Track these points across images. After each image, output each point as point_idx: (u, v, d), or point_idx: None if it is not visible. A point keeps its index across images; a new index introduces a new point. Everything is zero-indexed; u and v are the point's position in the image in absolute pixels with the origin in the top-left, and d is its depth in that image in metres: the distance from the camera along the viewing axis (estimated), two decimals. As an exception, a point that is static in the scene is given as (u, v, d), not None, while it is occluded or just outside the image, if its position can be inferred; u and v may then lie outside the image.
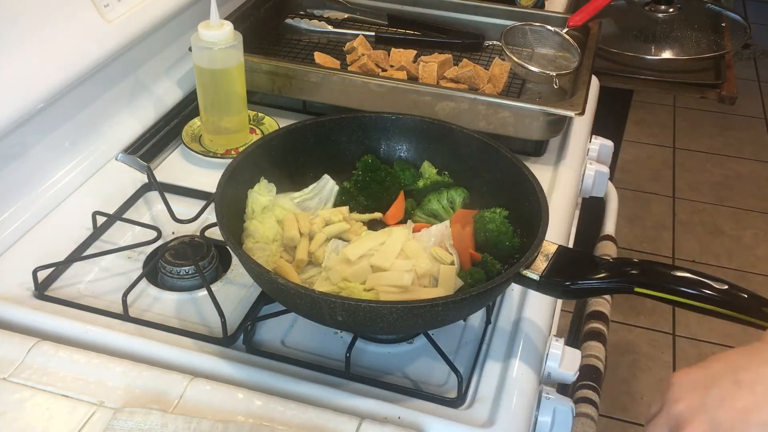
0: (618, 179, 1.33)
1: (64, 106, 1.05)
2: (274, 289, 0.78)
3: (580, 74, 1.23)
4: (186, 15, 1.26)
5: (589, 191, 1.29)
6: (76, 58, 1.03)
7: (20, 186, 1.00)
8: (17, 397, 0.74)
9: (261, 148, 0.94)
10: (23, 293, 0.89)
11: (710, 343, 2.35)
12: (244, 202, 0.92)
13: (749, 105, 3.58)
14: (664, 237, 2.81)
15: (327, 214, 0.93)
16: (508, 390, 0.80)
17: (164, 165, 1.15)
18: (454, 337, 0.88)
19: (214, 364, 0.81)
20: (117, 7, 1.11)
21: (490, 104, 1.14)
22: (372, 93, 1.18)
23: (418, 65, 1.28)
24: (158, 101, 1.24)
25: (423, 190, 0.97)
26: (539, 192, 0.86)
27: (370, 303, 0.75)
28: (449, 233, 0.89)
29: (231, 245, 0.79)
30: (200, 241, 0.95)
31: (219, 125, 1.14)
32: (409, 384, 0.82)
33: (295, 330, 0.88)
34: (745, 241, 2.79)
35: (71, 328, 0.84)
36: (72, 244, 0.97)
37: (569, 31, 1.37)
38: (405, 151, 1.01)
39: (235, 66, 1.10)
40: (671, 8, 1.93)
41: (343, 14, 1.50)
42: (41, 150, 1.03)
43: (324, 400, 0.77)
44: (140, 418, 0.70)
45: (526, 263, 0.79)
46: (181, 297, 0.91)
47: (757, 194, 3.04)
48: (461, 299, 0.75)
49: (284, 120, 1.21)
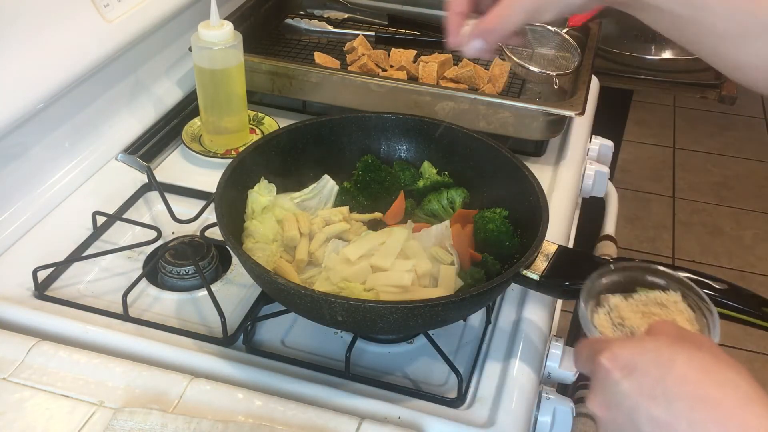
0: (618, 179, 1.33)
1: (64, 106, 1.05)
2: (274, 289, 0.78)
3: (580, 74, 1.23)
4: (186, 15, 1.26)
5: (589, 191, 1.29)
6: (76, 58, 1.03)
7: (20, 186, 1.00)
8: (17, 397, 0.74)
9: (261, 148, 0.94)
10: (23, 293, 0.89)
11: (710, 343, 2.35)
12: (244, 202, 0.92)
13: (749, 105, 3.58)
14: (664, 237, 2.81)
15: (327, 214, 0.93)
16: (508, 390, 0.80)
17: (164, 165, 1.15)
18: (454, 337, 0.88)
19: (214, 364, 0.81)
20: (117, 7, 1.11)
21: (490, 104, 1.14)
22: (372, 93, 1.18)
23: (418, 65, 1.28)
24: (158, 101, 1.24)
25: (423, 190, 0.97)
26: (539, 192, 0.86)
27: (370, 303, 0.75)
28: (449, 233, 0.89)
29: (231, 245, 0.79)
30: (200, 241, 0.95)
31: (219, 125, 1.14)
32: (409, 384, 0.82)
33: (295, 330, 0.88)
34: (745, 241, 2.79)
35: (71, 328, 0.84)
36: (72, 244, 0.97)
37: (569, 31, 1.37)
38: (405, 151, 1.01)
39: (235, 66, 1.10)
40: (671, 8, 1.92)
41: (343, 14, 1.50)
42: (41, 150, 1.03)
43: (324, 400, 0.77)
44: (140, 418, 0.70)
45: (526, 263, 0.79)
46: (181, 297, 0.91)
47: (757, 194, 3.04)
48: (461, 299, 0.75)
49: (284, 120, 1.21)
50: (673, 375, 0.51)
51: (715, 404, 0.50)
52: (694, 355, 0.53)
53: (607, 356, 0.55)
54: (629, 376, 0.53)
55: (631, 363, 0.53)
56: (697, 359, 0.52)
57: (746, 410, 0.49)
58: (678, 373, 0.51)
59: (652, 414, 0.51)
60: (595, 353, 0.56)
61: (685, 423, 0.50)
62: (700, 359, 0.52)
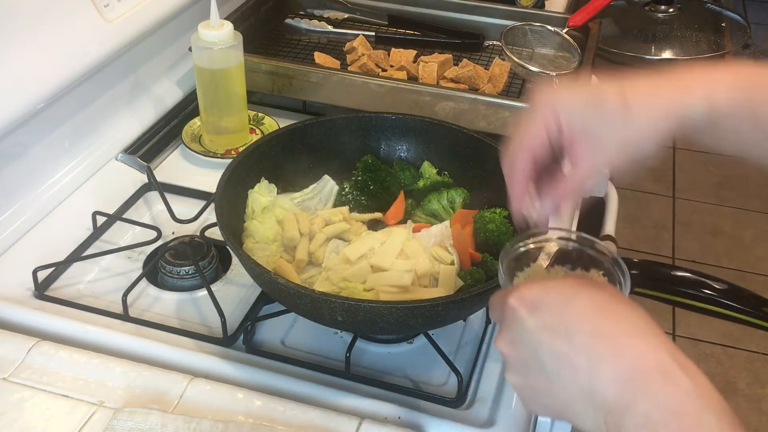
0: (618, 179, 1.33)
1: (64, 106, 1.05)
2: (274, 289, 0.78)
3: (580, 74, 1.23)
4: (186, 15, 1.26)
5: (589, 191, 1.29)
6: (76, 58, 1.03)
7: (20, 186, 1.00)
8: (17, 397, 0.74)
9: (261, 148, 0.94)
10: (23, 293, 0.89)
11: (710, 343, 2.35)
12: (244, 202, 0.92)
13: (749, 105, 3.57)
14: (664, 237, 2.81)
15: (327, 214, 0.93)
16: (508, 390, 0.80)
17: (164, 165, 1.15)
18: (454, 337, 0.88)
19: (214, 364, 0.81)
20: (117, 6, 1.11)
21: (490, 104, 1.14)
22: (372, 93, 1.18)
23: (418, 65, 1.28)
24: (158, 101, 1.24)
25: (423, 190, 0.97)
26: (539, 192, 0.86)
27: (370, 303, 0.75)
28: (449, 233, 0.89)
29: (231, 245, 0.79)
30: (200, 241, 0.95)
31: (219, 125, 1.14)
32: (409, 384, 0.82)
33: (295, 330, 0.88)
34: (745, 241, 2.79)
35: (71, 328, 0.84)
36: (72, 244, 0.97)
37: (569, 31, 1.37)
38: (405, 151, 1.01)
39: (235, 66, 1.10)
40: (671, 8, 1.93)
41: (343, 14, 1.50)
42: (41, 150, 1.03)
43: (324, 400, 0.77)
44: (140, 418, 0.70)
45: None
46: (181, 297, 0.91)
47: (757, 194, 3.04)
48: (461, 299, 0.75)
49: (284, 120, 1.21)
50: (573, 311, 0.54)
51: (611, 337, 0.52)
52: (594, 294, 0.55)
53: (514, 296, 0.57)
54: (534, 313, 0.55)
55: (537, 301, 0.56)
56: (597, 298, 0.55)
57: (640, 341, 0.52)
58: (578, 309, 0.54)
59: (554, 348, 0.53)
60: (505, 297, 0.58)
61: (584, 356, 0.52)
62: (599, 298, 0.55)
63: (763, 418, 2.13)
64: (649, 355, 0.51)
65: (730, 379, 2.23)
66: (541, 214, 0.70)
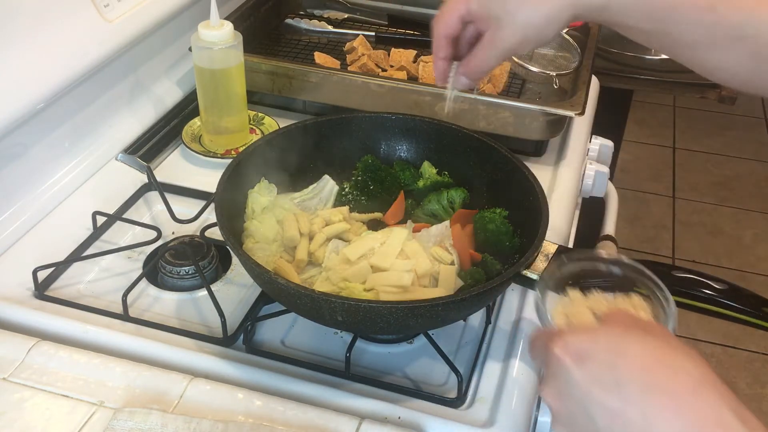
0: (618, 179, 1.33)
1: (64, 106, 1.05)
2: (274, 289, 0.78)
3: (580, 74, 1.23)
4: (186, 15, 1.26)
5: (589, 191, 1.29)
6: (76, 58, 1.03)
7: (20, 186, 1.00)
8: (17, 397, 0.74)
9: (261, 148, 0.94)
10: (23, 293, 0.89)
11: (710, 343, 2.35)
12: (244, 202, 0.92)
13: (749, 105, 3.58)
14: (664, 237, 2.81)
15: (327, 214, 0.93)
16: (508, 390, 0.80)
17: (164, 165, 1.15)
18: (454, 337, 0.88)
19: (214, 364, 0.81)
20: (117, 6, 1.11)
21: (490, 104, 1.14)
22: (372, 93, 1.18)
23: (418, 65, 1.28)
24: (158, 101, 1.24)
25: (423, 190, 0.97)
26: (539, 192, 0.86)
27: (370, 303, 0.75)
28: (449, 233, 0.89)
29: (231, 245, 0.79)
30: (200, 241, 0.95)
31: (219, 125, 1.14)
32: (409, 384, 0.82)
33: (295, 330, 0.88)
34: (745, 241, 2.79)
35: (71, 328, 0.84)
36: (72, 244, 0.97)
37: (569, 31, 1.37)
38: (405, 151, 1.01)
39: (235, 66, 1.10)
40: (671, 8, 1.92)
41: (343, 14, 1.50)
42: (41, 150, 1.03)
43: (324, 400, 0.77)
44: (140, 418, 0.70)
45: (526, 263, 0.79)
46: (181, 297, 0.91)
47: (757, 194, 3.04)
48: (461, 299, 0.75)
49: (284, 120, 1.21)
50: (625, 362, 0.51)
51: (667, 392, 0.49)
52: (646, 342, 0.52)
53: (559, 345, 0.54)
54: (581, 365, 0.52)
55: (583, 351, 0.53)
56: (650, 346, 0.52)
57: (699, 398, 0.49)
58: (630, 360, 0.51)
59: (605, 402, 0.51)
60: (548, 342, 0.56)
61: (638, 411, 0.49)
62: (652, 346, 0.52)
63: (763, 418, 2.13)
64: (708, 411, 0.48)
65: (730, 379, 2.23)
66: (454, 84, 0.83)
